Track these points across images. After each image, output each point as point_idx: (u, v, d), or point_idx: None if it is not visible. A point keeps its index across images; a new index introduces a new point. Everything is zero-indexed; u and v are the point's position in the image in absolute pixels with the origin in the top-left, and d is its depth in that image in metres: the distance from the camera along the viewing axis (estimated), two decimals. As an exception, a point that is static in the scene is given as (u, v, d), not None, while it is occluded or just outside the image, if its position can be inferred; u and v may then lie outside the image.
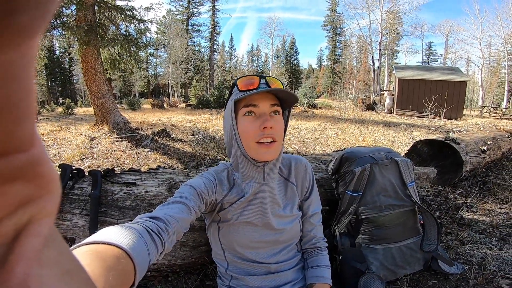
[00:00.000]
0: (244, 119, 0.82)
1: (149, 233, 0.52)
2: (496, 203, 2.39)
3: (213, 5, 36.74)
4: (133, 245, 0.43)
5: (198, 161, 3.93)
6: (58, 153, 4.34)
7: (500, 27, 24.77)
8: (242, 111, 0.82)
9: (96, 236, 0.42)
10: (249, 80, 0.83)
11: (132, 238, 0.45)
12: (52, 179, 0.15)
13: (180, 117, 10.16)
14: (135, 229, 0.49)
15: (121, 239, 0.43)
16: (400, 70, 16.49)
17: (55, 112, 17.37)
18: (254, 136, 0.81)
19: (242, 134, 0.83)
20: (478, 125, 8.94)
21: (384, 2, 24.51)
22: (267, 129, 0.79)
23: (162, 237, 0.55)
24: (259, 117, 0.81)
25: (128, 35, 7.24)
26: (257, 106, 0.81)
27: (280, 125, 0.84)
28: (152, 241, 0.51)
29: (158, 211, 0.64)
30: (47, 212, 0.15)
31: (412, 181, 1.38)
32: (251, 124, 0.81)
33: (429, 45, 40.91)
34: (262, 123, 0.79)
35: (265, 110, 0.81)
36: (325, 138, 5.77)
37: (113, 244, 0.41)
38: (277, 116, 0.84)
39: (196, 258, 1.25)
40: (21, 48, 0.12)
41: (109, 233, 0.44)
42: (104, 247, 0.39)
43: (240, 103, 0.83)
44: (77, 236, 1.10)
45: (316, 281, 0.91)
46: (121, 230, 0.46)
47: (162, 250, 0.55)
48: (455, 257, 1.57)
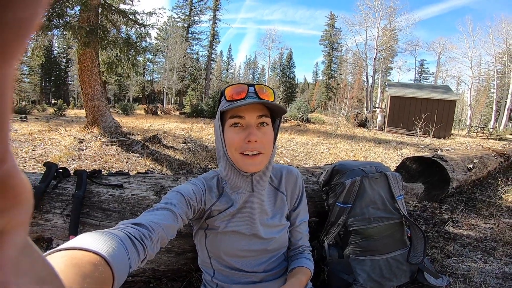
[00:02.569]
0: (230, 130, 0.81)
1: (131, 239, 0.51)
2: (481, 218, 2.44)
3: (215, 15, 37.27)
4: (113, 251, 0.42)
5: (188, 169, 3.90)
6: (44, 153, 4.23)
7: (492, 46, 25.44)
8: (228, 122, 0.81)
9: (73, 242, 0.41)
10: (237, 89, 0.81)
11: (111, 244, 0.44)
12: (24, 190, 0.16)
13: (173, 124, 10.12)
14: (116, 235, 0.48)
15: (100, 246, 0.41)
16: (393, 87, 16.91)
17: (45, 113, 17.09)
18: (238, 147, 0.79)
19: (228, 145, 0.81)
20: (465, 144, 9.16)
21: (381, 19, 25.29)
22: (251, 142, 0.78)
23: (145, 244, 0.54)
24: (245, 128, 0.79)
25: (128, 38, 7.25)
26: (243, 118, 0.79)
27: (268, 137, 0.82)
28: (134, 247, 0.50)
29: (142, 217, 0.62)
30: (19, 222, 0.16)
31: (401, 194, 1.40)
32: (236, 135, 0.79)
33: (421, 63, 42.19)
34: (247, 136, 0.78)
35: (251, 122, 0.79)
36: (317, 153, 5.82)
37: (91, 250, 0.39)
38: (265, 128, 0.81)
39: (181, 265, 1.22)
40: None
41: (88, 239, 0.42)
42: (80, 254, 0.38)
43: (227, 113, 0.81)
44: (55, 237, 1.06)
45: (298, 264, 0.90)
46: (101, 236, 0.45)
47: (144, 257, 0.54)
48: (441, 269, 1.59)
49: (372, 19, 25.47)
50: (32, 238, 1.11)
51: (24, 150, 4.36)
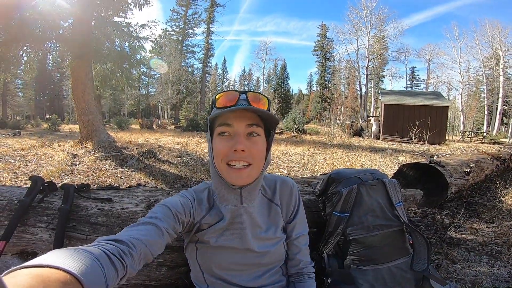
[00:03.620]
0: (217, 138, 0.76)
1: (108, 256, 0.48)
2: (483, 222, 2.43)
3: (209, 27, 37.93)
4: (85, 269, 0.40)
5: (184, 183, 3.84)
6: (36, 169, 4.15)
7: (478, 50, 25.94)
8: (216, 130, 0.76)
9: (40, 259, 0.38)
10: (227, 96, 0.76)
11: (84, 261, 0.41)
12: None
13: (169, 138, 10.09)
14: (90, 252, 0.45)
15: (70, 263, 0.38)
16: (386, 95, 17.14)
17: (39, 128, 16.99)
18: (225, 157, 0.75)
19: (215, 154, 0.77)
20: (460, 149, 9.22)
21: (371, 28, 25.89)
22: (238, 152, 0.73)
23: (124, 260, 0.51)
24: (233, 137, 0.74)
25: (121, 51, 7.28)
26: (231, 126, 0.74)
27: (258, 147, 0.76)
28: (112, 265, 0.47)
29: (123, 233, 0.59)
30: None
31: (400, 201, 1.37)
32: (222, 144, 0.75)
33: (412, 70, 42.98)
34: (234, 145, 0.73)
35: (240, 131, 0.74)
36: (314, 163, 5.82)
37: (60, 268, 0.36)
38: (255, 138, 0.76)
39: (174, 280, 1.16)
40: None
41: (58, 256, 0.39)
42: (48, 271, 0.35)
43: (216, 121, 0.77)
44: (40, 250, 1.02)
45: None
46: (72, 253, 0.42)
47: (123, 275, 0.50)
48: (447, 276, 1.56)
49: (362, 28, 26.16)
50: (16, 251, 1.06)
51: (16, 165, 4.28)
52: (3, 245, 0.92)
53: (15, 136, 9.91)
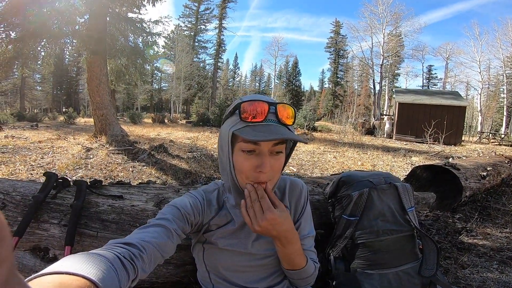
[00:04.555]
0: (240, 154, 0.72)
1: (120, 260, 0.49)
2: (496, 227, 2.36)
3: (220, 23, 37.94)
4: (102, 275, 0.41)
5: (193, 179, 3.88)
6: (52, 161, 4.28)
7: (499, 50, 24.85)
8: (240, 145, 0.71)
9: (61, 265, 0.39)
10: (256, 109, 0.70)
11: (100, 267, 0.42)
12: (1, 227, 0.16)
13: (180, 133, 10.19)
14: (104, 256, 0.46)
15: (89, 269, 0.40)
16: (401, 94, 16.74)
17: (56, 121, 17.50)
18: (248, 175, 0.72)
19: (236, 169, 0.74)
20: (477, 151, 8.95)
21: (387, 25, 25.17)
22: (263, 173, 0.70)
23: (135, 264, 0.52)
24: (258, 155, 0.71)
25: (135, 47, 7.39)
26: (258, 145, 0.70)
27: (279, 163, 0.74)
28: (124, 268, 0.48)
29: (133, 236, 0.60)
30: (1, 259, 0.16)
31: (412, 206, 1.34)
32: (246, 161, 0.71)
33: (429, 69, 41.72)
34: (259, 166, 0.70)
35: (266, 150, 0.70)
36: (324, 162, 5.76)
37: (79, 275, 0.37)
38: (278, 155, 0.73)
39: (181, 278, 1.18)
40: None
41: (75, 262, 0.40)
42: (69, 278, 0.36)
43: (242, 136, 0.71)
44: (52, 246, 1.05)
45: None
46: (89, 259, 0.43)
47: (134, 277, 0.51)
48: (455, 281, 1.53)
49: (377, 25, 25.38)
50: (28, 247, 1.10)
51: (33, 158, 4.42)
52: (16, 241, 0.95)
53: (32, 128, 10.25)
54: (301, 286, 0.88)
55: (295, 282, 0.86)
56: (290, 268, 0.81)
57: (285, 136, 0.67)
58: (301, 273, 0.82)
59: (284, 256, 0.79)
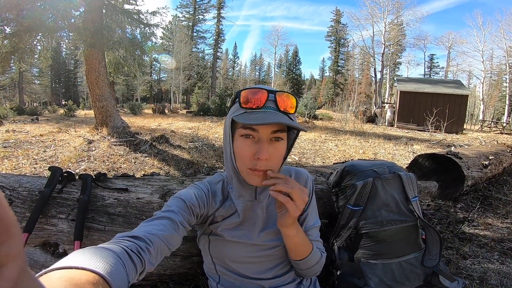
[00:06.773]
0: (240, 140, 0.73)
1: (127, 253, 0.49)
2: (497, 217, 2.36)
3: (219, 13, 37.29)
4: (110, 269, 0.41)
5: (195, 169, 3.89)
6: (55, 155, 4.29)
7: (503, 39, 24.76)
8: (239, 131, 0.72)
9: (69, 260, 0.39)
10: (254, 95, 0.71)
11: (109, 261, 0.42)
12: (11, 223, 0.16)
13: (180, 123, 10.16)
14: (112, 250, 0.47)
15: (97, 263, 0.40)
16: (402, 82, 16.58)
17: (56, 113, 17.44)
18: (247, 162, 0.73)
19: (236, 155, 0.75)
20: (479, 140, 8.92)
21: (388, 14, 24.73)
22: (261, 160, 0.71)
23: (142, 257, 0.52)
24: (257, 141, 0.71)
25: (133, 38, 7.30)
26: (256, 131, 0.71)
27: (279, 152, 0.73)
28: (131, 261, 0.49)
29: (139, 229, 0.60)
30: (12, 256, 0.16)
31: (416, 196, 1.34)
32: (246, 148, 0.72)
33: (431, 58, 41.17)
34: (257, 152, 0.70)
35: (264, 137, 0.71)
36: (325, 150, 5.75)
37: (88, 269, 0.38)
38: (278, 143, 0.73)
39: (188, 269, 1.20)
40: None
41: (83, 256, 0.41)
42: (78, 273, 0.37)
43: (239, 121, 0.73)
44: (61, 242, 1.06)
45: None
46: (96, 253, 0.43)
47: (142, 270, 0.52)
48: (456, 271, 1.54)
49: (379, 14, 24.92)
50: (38, 243, 1.11)
51: (35, 152, 4.43)
52: (26, 237, 0.96)
53: (33, 122, 10.23)
54: (309, 276, 0.90)
55: (303, 273, 0.87)
56: (299, 258, 0.82)
57: (281, 121, 0.66)
58: (308, 261, 0.83)
59: (293, 244, 0.80)
